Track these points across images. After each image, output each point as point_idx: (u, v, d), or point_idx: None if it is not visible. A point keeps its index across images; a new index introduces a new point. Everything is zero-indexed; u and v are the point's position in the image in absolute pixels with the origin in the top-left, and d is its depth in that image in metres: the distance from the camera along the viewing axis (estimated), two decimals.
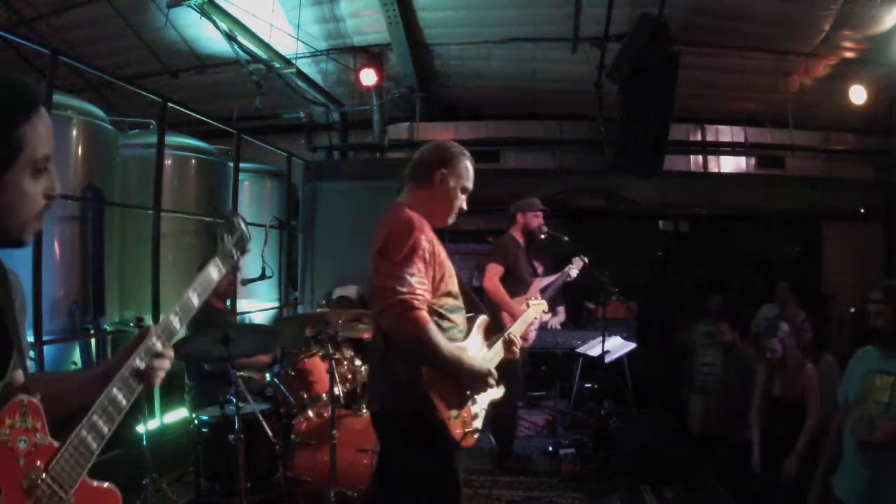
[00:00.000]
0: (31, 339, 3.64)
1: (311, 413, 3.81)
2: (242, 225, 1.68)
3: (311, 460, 3.59)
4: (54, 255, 4.16)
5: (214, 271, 1.57)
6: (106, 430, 1.28)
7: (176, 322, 1.45)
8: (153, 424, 4.51)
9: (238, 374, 3.49)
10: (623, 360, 5.49)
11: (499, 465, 4.77)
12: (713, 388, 5.33)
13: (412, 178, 2.38)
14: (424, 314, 2.11)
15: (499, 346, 2.51)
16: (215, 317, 4.37)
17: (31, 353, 3.61)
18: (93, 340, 4.61)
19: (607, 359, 5.09)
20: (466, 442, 2.23)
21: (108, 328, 4.76)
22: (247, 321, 6.08)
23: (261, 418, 3.54)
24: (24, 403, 1.19)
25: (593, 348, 5.35)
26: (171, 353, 1.41)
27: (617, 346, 5.37)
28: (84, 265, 4.35)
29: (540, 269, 5.42)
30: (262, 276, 5.44)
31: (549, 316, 5.09)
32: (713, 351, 5.40)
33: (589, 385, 6.34)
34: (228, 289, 4.69)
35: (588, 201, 8.35)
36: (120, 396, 1.32)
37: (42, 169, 1.22)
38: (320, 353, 3.96)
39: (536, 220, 4.84)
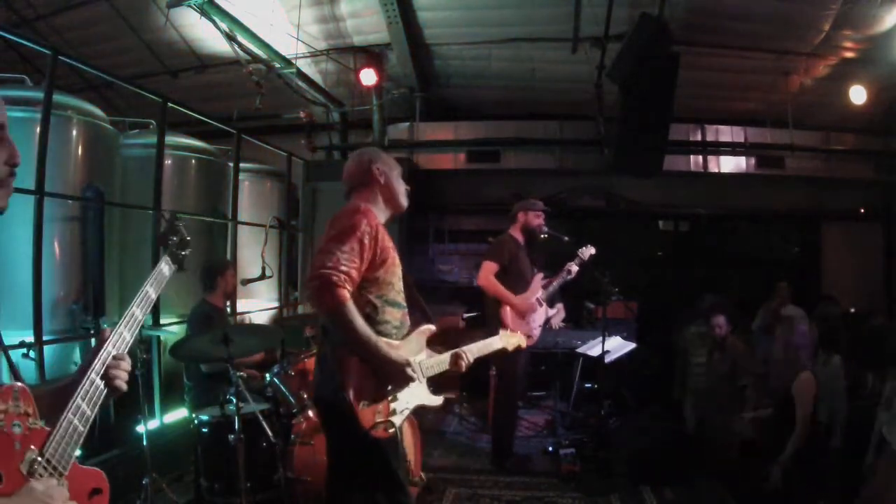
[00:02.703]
0: (31, 339, 3.64)
1: (311, 413, 3.80)
2: (182, 229, 1.99)
3: (311, 460, 3.58)
4: (54, 255, 4.15)
5: (166, 267, 1.84)
6: (89, 412, 1.37)
7: (139, 312, 1.65)
8: (153, 424, 4.51)
9: (238, 374, 3.49)
10: (623, 360, 5.49)
11: (499, 465, 4.78)
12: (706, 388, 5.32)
13: (352, 190, 2.52)
14: (343, 292, 2.15)
15: (445, 357, 2.52)
16: (215, 317, 4.39)
17: (32, 354, 3.62)
18: (93, 340, 4.61)
19: (607, 359, 5.10)
20: (377, 431, 2.23)
21: (109, 328, 4.73)
22: (247, 321, 6.08)
23: (261, 418, 3.54)
24: (14, 389, 1.21)
25: (593, 348, 5.35)
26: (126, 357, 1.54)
27: (617, 346, 5.37)
28: (84, 265, 4.34)
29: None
30: (262, 276, 5.47)
31: (553, 311, 5.11)
32: (706, 351, 5.40)
33: (589, 385, 6.33)
34: (232, 291, 4.69)
35: (588, 201, 8.34)
36: (99, 381, 1.42)
37: (0, 139, 1.30)
38: None
39: (537, 219, 4.85)
